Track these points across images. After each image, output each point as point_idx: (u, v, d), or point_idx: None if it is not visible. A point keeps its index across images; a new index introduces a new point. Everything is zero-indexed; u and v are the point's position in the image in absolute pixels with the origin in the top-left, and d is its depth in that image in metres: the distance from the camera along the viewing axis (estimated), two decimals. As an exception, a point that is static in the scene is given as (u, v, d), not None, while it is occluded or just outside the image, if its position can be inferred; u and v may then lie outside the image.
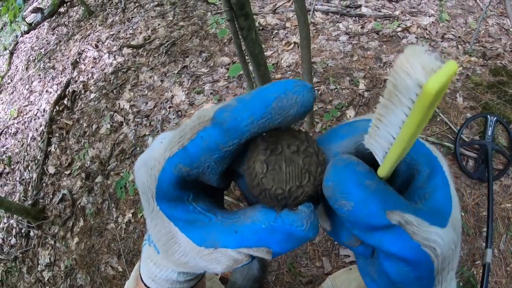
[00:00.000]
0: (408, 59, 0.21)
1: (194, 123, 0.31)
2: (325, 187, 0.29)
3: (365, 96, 2.37)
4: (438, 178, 0.32)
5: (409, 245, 0.29)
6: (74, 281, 2.30)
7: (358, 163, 0.29)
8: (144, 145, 2.64)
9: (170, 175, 0.31)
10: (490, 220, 1.70)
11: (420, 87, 0.20)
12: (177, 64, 3.12)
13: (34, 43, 4.66)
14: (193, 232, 0.33)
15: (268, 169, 0.30)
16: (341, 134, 0.32)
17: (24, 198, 2.92)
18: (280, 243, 0.31)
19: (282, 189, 0.30)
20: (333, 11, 3.04)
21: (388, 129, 0.25)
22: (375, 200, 0.28)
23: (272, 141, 0.30)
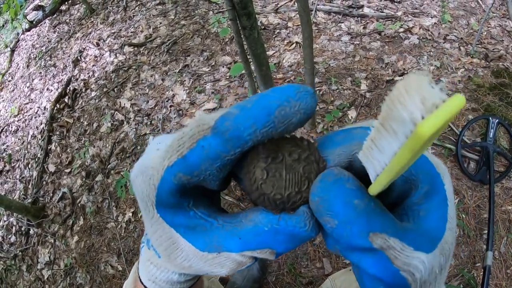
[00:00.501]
0: (408, 89, 0.19)
1: (193, 131, 0.30)
2: (311, 201, 0.29)
3: (366, 97, 2.36)
4: (436, 198, 0.31)
5: (388, 270, 0.29)
6: (74, 279, 2.30)
7: (348, 179, 0.28)
8: (144, 144, 2.63)
9: (170, 184, 0.30)
10: (491, 222, 1.70)
11: (415, 125, 0.18)
12: (179, 63, 3.11)
13: (35, 40, 4.65)
14: (195, 238, 0.33)
15: (268, 175, 0.30)
16: (336, 141, 0.31)
17: (24, 196, 2.92)
18: (283, 244, 0.31)
19: (281, 194, 0.30)
20: (335, 11, 3.04)
21: (380, 154, 0.24)
22: (360, 222, 0.27)
23: (273, 149, 0.30)
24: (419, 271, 0.29)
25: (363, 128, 0.31)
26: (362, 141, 0.28)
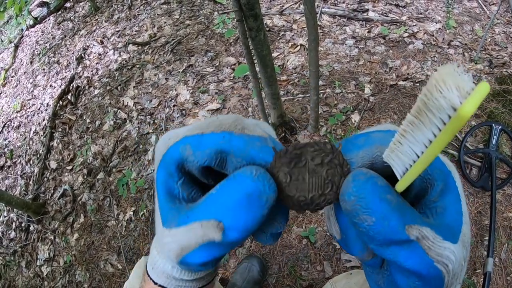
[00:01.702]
0: (444, 78, 0.21)
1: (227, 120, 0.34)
2: (345, 201, 0.29)
3: (370, 101, 2.36)
4: (451, 194, 0.32)
5: (424, 261, 0.29)
6: (73, 277, 2.30)
7: (378, 177, 0.29)
8: (147, 143, 2.63)
9: (177, 152, 0.33)
10: (492, 229, 1.70)
11: (454, 110, 0.20)
12: (182, 63, 3.11)
13: (39, 37, 4.65)
14: (164, 211, 0.35)
15: (291, 179, 0.31)
16: (357, 145, 0.32)
17: (25, 192, 2.92)
18: (230, 210, 0.30)
19: (304, 197, 0.31)
20: (340, 14, 3.04)
21: (412, 146, 0.26)
22: (396, 215, 0.28)
23: (296, 155, 0.31)
24: (451, 262, 0.30)
25: (381, 132, 0.33)
26: (382, 144, 0.31)
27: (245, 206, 0.30)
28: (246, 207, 0.30)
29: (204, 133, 0.33)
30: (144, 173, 2.46)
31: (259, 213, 0.30)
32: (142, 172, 2.48)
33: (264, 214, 0.30)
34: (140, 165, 2.53)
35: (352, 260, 1.81)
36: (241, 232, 0.31)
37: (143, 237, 2.22)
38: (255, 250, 1.96)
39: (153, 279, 0.43)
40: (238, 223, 0.31)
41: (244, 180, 0.30)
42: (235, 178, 0.31)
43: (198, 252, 0.34)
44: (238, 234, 0.31)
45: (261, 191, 0.29)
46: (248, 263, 1.83)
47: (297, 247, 1.90)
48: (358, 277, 1.07)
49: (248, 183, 0.30)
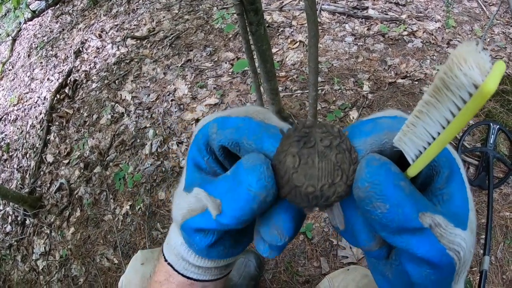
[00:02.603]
0: (464, 56, 0.20)
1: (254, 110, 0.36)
2: (359, 187, 0.28)
3: (368, 98, 2.36)
4: (456, 181, 0.32)
5: (436, 249, 0.29)
6: (69, 271, 2.29)
7: (390, 163, 0.29)
8: (144, 137, 2.62)
9: (207, 128, 0.36)
10: (488, 227, 1.70)
11: (476, 87, 0.20)
12: (181, 57, 3.10)
13: (37, 30, 4.63)
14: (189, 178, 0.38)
15: (300, 162, 0.29)
16: (364, 131, 0.32)
17: (21, 186, 2.91)
18: (226, 196, 0.31)
19: (314, 187, 0.29)
20: (340, 11, 3.04)
21: (428, 128, 0.25)
22: (409, 203, 0.28)
23: (305, 133, 0.30)
24: (462, 249, 0.30)
25: (388, 118, 0.32)
26: (391, 130, 0.30)
27: (235, 195, 0.30)
28: (235, 196, 0.30)
29: (231, 116, 0.35)
30: (141, 167, 2.46)
31: (247, 205, 0.30)
32: (139, 166, 2.48)
33: (253, 208, 0.30)
34: (137, 159, 2.52)
35: (349, 256, 1.81)
36: (231, 218, 0.31)
37: (139, 231, 2.22)
38: (252, 245, 1.95)
39: (164, 255, 0.45)
40: (228, 210, 0.31)
41: (239, 168, 0.31)
42: (237, 165, 0.31)
43: (198, 218, 0.35)
44: (228, 220, 0.32)
45: (249, 183, 0.29)
46: (244, 258, 1.83)
47: (293, 242, 1.91)
48: (355, 273, 1.07)
49: (241, 172, 0.30)
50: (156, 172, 2.40)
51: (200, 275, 0.45)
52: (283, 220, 0.33)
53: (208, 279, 0.45)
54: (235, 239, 0.41)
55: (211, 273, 0.45)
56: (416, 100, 2.30)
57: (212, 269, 0.45)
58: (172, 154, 2.45)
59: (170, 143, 2.50)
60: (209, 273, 0.45)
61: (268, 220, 0.33)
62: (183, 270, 0.44)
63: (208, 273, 0.45)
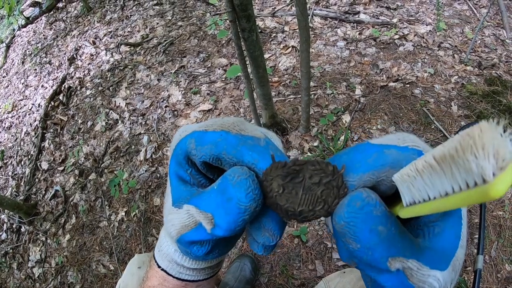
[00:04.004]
0: (483, 141, 0.19)
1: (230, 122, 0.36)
2: (335, 222, 0.30)
3: (361, 102, 2.38)
4: (453, 217, 0.32)
5: (404, 286, 0.30)
6: (65, 278, 2.29)
7: (375, 204, 0.28)
8: (139, 143, 2.63)
9: (185, 143, 0.37)
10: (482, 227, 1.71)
11: (484, 181, 0.18)
12: (175, 64, 3.11)
13: (31, 37, 4.63)
14: (176, 191, 0.39)
15: (284, 191, 0.31)
16: (366, 163, 0.31)
17: (16, 193, 2.90)
18: (217, 210, 0.32)
19: (293, 208, 0.31)
20: (332, 16, 3.06)
21: (426, 188, 0.24)
22: (381, 248, 0.28)
23: (294, 170, 0.31)
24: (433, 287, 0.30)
25: (397, 149, 0.31)
26: (393, 167, 0.30)
27: (226, 210, 0.32)
28: (227, 211, 0.32)
29: (208, 130, 0.35)
30: (136, 174, 2.46)
31: (239, 218, 0.31)
32: (134, 172, 2.48)
33: (245, 219, 0.32)
34: (132, 165, 2.53)
35: (344, 259, 1.82)
36: (226, 231, 0.33)
37: (135, 237, 2.22)
38: (247, 249, 1.96)
39: (157, 262, 0.46)
40: (222, 224, 0.32)
41: (227, 184, 0.32)
42: (222, 180, 0.33)
43: (193, 233, 0.36)
44: (222, 232, 0.33)
45: (239, 199, 0.31)
46: (240, 262, 1.84)
47: (288, 246, 1.91)
48: (351, 275, 1.08)
49: (229, 188, 0.31)
50: (151, 178, 2.41)
51: (195, 276, 0.47)
52: (272, 224, 0.35)
53: (202, 278, 0.47)
54: (228, 241, 0.43)
55: (204, 273, 0.47)
56: (408, 103, 2.32)
57: (206, 269, 0.47)
58: (167, 160, 2.45)
59: (165, 149, 2.51)
60: (203, 273, 0.47)
61: (258, 225, 0.35)
62: (178, 274, 0.46)
63: (202, 273, 0.47)
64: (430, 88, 2.40)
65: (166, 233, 0.44)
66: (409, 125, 2.21)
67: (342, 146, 2.14)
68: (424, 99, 2.33)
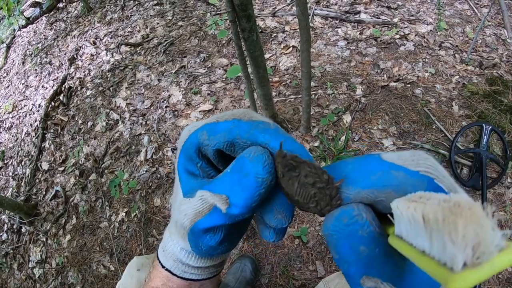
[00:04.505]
0: (467, 229, 0.18)
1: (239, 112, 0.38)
2: (322, 229, 0.31)
3: (362, 102, 2.38)
4: None
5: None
6: (66, 279, 2.29)
7: (363, 224, 0.28)
8: (139, 144, 2.63)
9: (196, 137, 0.38)
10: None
11: (451, 270, 0.19)
12: (175, 64, 3.11)
13: (32, 37, 4.63)
14: (186, 183, 0.39)
15: (283, 177, 0.32)
16: (369, 180, 0.30)
17: (17, 194, 2.90)
18: (233, 188, 0.33)
19: (292, 195, 0.32)
20: (332, 16, 3.05)
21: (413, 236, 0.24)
22: (357, 266, 0.29)
23: (291, 164, 0.32)
24: None
25: (405, 172, 0.29)
26: (396, 191, 0.28)
27: (244, 186, 0.33)
28: (245, 186, 0.33)
29: (219, 121, 0.37)
30: (136, 174, 2.46)
31: (256, 192, 0.32)
32: (134, 173, 2.48)
33: (261, 193, 0.33)
34: (132, 166, 2.52)
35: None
36: (242, 208, 0.33)
37: (135, 238, 2.21)
38: (247, 250, 1.96)
39: (161, 262, 0.46)
40: (239, 201, 0.33)
41: (243, 161, 0.33)
42: (238, 159, 0.34)
43: (208, 217, 0.37)
44: (239, 209, 0.34)
45: (256, 172, 0.32)
46: (240, 263, 1.84)
47: (289, 247, 1.91)
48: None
49: (246, 164, 0.32)
50: (151, 178, 2.40)
51: (199, 275, 0.47)
52: (283, 206, 0.36)
53: (206, 277, 0.48)
54: (237, 230, 0.44)
55: (208, 271, 0.48)
56: (409, 103, 2.32)
57: (210, 268, 0.48)
58: (167, 160, 2.45)
59: (165, 150, 2.51)
60: (207, 271, 0.48)
61: (270, 208, 0.36)
62: (182, 273, 0.46)
63: (206, 271, 0.47)
64: (431, 88, 2.39)
65: (171, 232, 0.45)
66: (410, 125, 2.21)
67: (342, 146, 2.14)
68: (425, 99, 2.33)
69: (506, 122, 2.14)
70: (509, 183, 1.95)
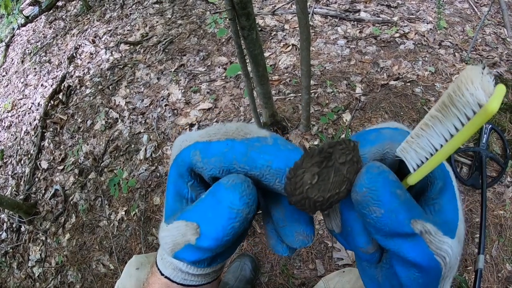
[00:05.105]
0: (472, 78, 0.23)
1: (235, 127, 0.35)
2: (357, 192, 0.30)
3: (361, 100, 2.38)
4: (449, 192, 0.34)
5: (425, 254, 0.31)
6: (65, 277, 2.29)
7: (389, 171, 0.30)
8: (139, 142, 2.62)
9: (188, 155, 0.35)
10: (483, 226, 1.71)
11: (480, 106, 0.22)
12: (174, 62, 3.11)
13: (31, 36, 4.62)
14: (168, 207, 0.37)
15: (318, 180, 0.31)
16: (369, 140, 0.34)
17: (16, 193, 2.90)
18: (204, 216, 0.32)
19: (323, 197, 0.31)
20: (332, 14, 3.05)
21: (431, 140, 0.27)
22: (403, 210, 0.29)
23: (329, 153, 0.31)
24: (449, 255, 0.31)
25: (390, 129, 0.34)
26: (392, 140, 0.33)
27: (216, 214, 0.31)
28: (216, 215, 0.31)
29: (212, 140, 0.34)
30: (135, 173, 2.46)
31: (229, 225, 0.31)
32: (133, 171, 2.47)
33: (235, 226, 0.31)
34: (132, 164, 2.52)
35: (344, 258, 1.82)
36: (212, 240, 0.32)
37: (135, 237, 2.21)
38: (247, 249, 1.96)
39: (160, 270, 0.45)
40: (209, 231, 0.31)
41: (219, 187, 0.31)
42: (215, 185, 0.32)
43: (184, 251, 0.35)
44: (209, 241, 0.32)
45: (231, 202, 0.30)
46: (240, 262, 1.83)
47: (289, 246, 1.91)
48: (350, 275, 1.07)
49: (222, 191, 0.30)
50: (150, 177, 2.40)
51: (200, 281, 0.46)
52: (303, 226, 0.35)
53: (206, 282, 0.47)
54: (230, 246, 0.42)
55: (209, 277, 0.47)
56: (409, 102, 2.31)
57: (211, 273, 0.47)
58: (167, 159, 2.45)
59: (165, 148, 2.50)
60: (208, 277, 0.47)
61: (289, 229, 0.35)
62: (182, 281, 0.45)
63: (207, 277, 0.47)
64: (431, 87, 2.39)
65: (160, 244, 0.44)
66: (410, 123, 2.21)
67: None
68: (425, 97, 2.32)
69: (506, 121, 2.14)
70: (508, 182, 1.95)
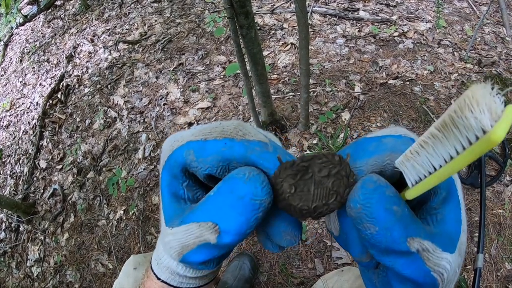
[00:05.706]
0: (477, 99, 0.21)
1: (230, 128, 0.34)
2: (351, 207, 0.30)
3: (360, 99, 2.37)
4: (452, 203, 0.33)
5: (421, 271, 0.30)
6: (64, 277, 2.28)
7: (387, 186, 0.29)
8: (137, 141, 2.62)
9: (181, 155, 0.34)
10: (482, 225, 1.71)
11: (484, 132, 0.20)
12: (173, 61, 3.10)
13: (29, 35, 4.61)
14: (167, 210, 0.36)
15: (296, 190, 0.31)
16: (368, 151, 0.33)
17: (15, 192, 2.89)
18: (225, 213, 0.31)
19: (308, 206, 0.31)
20: (331, 13, 3.05)
21: (431, 159, 0.26)
22: (399, 227, 0.29)
23: (303, 167, 0.31)
24: (446, 271, 0.31)
25: (393, 137, 0.33)
26: (393, 151, 0.31)
27: (238, 209, 0.30)
28: (239, 210, 0.30)
29: (207, 139, 0.33)
30: (134, 172, 2.45)
31: (253, 216, 0.30)
32: (132, 171, 2.47)
33: (258, 217, 0.31)
34: (130, 164, 2.52)
35: (343, 257, 1.82)
36: (235, 235, 0.31)
37: (133, 236, 2.21)
38: (246, 248, 1.96)
39: (156, 275, 0.44)
40: (232, 227, 0.31)
41: (236, 182, 0.30)
42: (229, 180, 0.31)
43: (197, 252, 0.35)
44: (232, 237, 0.32)
45: (254, 194, 0.30)
46: (239, 261, 1.83)
47: (288, 245, 1.90)
48: (349, 274, 1.08)
49: (240, 185, 0.30)
50: (149, 176, 2.40)
51: (197, 284, 0.45)
52: (290, 227, 0.35)
53: (203, 284, 0.46)
54: None
55: (206, 278, 0.47)
56: (408, 101, 2.31)
57: (208, 275, 0.46)
58: (166, 158, 2.44)
59: (164, 147, 2.50)
60: (205, 278, 0.46)
61: (278, 230, 0.35)
62: (179, 284, 0.44)
63: (204, 279, 0.46)
64: (430, 86, 2.39)
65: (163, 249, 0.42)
66: (409, 122, 2.20)
67: (341, 143, 2.14)
68: (424, 96, 2.32)
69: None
70: (508, 181, 1.95)
